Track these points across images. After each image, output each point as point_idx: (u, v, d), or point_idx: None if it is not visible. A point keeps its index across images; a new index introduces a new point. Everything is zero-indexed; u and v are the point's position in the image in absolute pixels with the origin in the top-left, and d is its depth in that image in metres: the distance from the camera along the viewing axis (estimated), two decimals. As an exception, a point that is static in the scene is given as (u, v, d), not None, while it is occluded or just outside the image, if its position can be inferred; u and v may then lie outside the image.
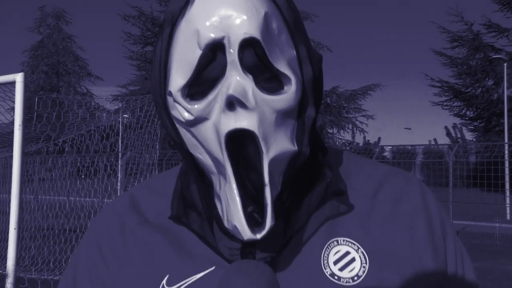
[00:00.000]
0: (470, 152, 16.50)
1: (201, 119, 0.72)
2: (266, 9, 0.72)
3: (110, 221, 0.89)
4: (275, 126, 0.71)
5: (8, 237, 4.14)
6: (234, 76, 0.69)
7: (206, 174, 0.77)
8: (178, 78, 0.73)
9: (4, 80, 4.33)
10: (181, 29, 0.73)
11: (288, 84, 0.72)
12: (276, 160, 0.71)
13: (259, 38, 0.69)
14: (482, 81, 27.79)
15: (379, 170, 0.88)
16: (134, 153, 9.48)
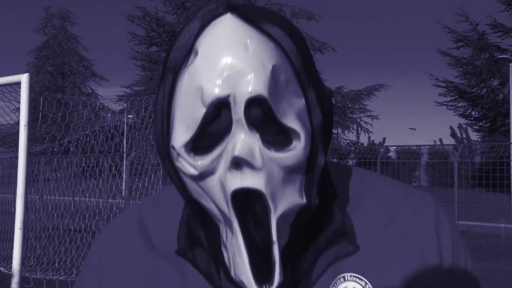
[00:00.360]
0: (476, 153, 16.45)
1: (206, 174, 0.69)
2: (274, 62, 0.68)
3: (117, 244, 0.88)
4: (283, 183, 0.69)
5: (14, 237, 4.15)
6: (240, 134, 0.67)
7: (212, 219, 0.74)
8: (181, 133, 0.70)
9: (9, 80, 4.34)
10: (184, 81, 0.70)
11: (296, 139, 0.69)
12: (284, 216, 0.69)
13: (266, 96, 0.66)
14: (487, 81, 27.71)
15: (392, 194, 0.85)
16: (139, 153, 9.50)
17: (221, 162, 0.68)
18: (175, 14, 33.07)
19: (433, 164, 16.35)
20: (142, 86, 32.54)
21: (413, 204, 0.83)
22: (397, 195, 0.84)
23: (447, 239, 0.82)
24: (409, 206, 0.83)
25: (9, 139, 9.84)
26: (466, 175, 14.65)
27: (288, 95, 0.69)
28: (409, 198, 0.84)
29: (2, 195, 11.94)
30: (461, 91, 28.51)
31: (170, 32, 32.67)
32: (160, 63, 32.35)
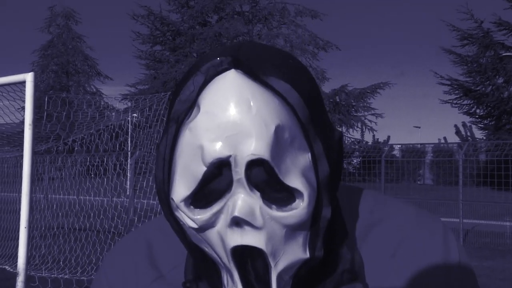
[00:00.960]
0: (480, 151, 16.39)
1: (205, 227, 0.69)
2: (277, 121, 0.66)
3: (125, 270, 0.88)
4: (285, 241, 0.68)
5: (19, 236, 4.17)
6: (240, 194, 0.66)
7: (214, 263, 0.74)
8: (181, 187, 0.69)
9: (14, 80, 4.35)
10: (186, 136, 0.69)
11: (299, 198, 0.67)
12: (285, 271, 0.69)
13: (267, 159, 0.64)
14: (492, 79, 27.62)
15: (401, 221, 0.83)
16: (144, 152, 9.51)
17: (221, 217, 0.68)
18: (179, 12, 33.13)
19: (438, 162, 16.31)
20: (147, 84, 32.57)
21: (421, 230, 0.82)
22: (405, 222, 0.83)
23: (455, 266, 0.81)
24: (417, 233, 0.82)
25: (14, 138, 9.88)
26: (471, 173, 14.60)
27: (292, 153, 0.68)
28: (418, 225, 0.83)
29: (7, 194, 11.98)
30: (466, 89, 28.42)
31: (174, 31, 32.72)
32: (164, 61, 32.42)
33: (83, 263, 7.63)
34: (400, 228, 0.82)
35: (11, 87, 4.72)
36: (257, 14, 31.43)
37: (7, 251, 8.74)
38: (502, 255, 10.06)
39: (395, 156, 16.63)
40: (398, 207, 0.86)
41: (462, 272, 0.81)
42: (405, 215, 0.84)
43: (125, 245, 0.92)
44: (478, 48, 27.93)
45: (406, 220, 0.83)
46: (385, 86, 29.96)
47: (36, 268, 7.69)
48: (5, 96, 5.13)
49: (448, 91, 29.11)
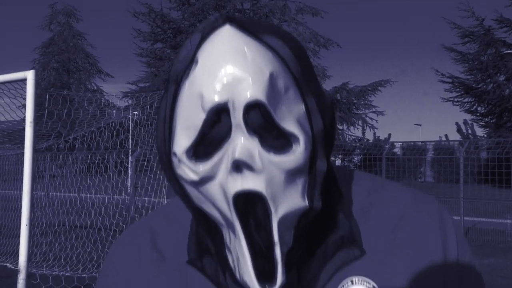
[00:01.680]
0: (481, 148, 16.38)
1: (206, 179, 0.71)
2: (271, 69, 0.70)
3: (129, 257, 0.90)
4: (284, 186, 0.70)
5: (20, 233, 4.17)
6: (239, 139, 0.68)
7: (216, 225, 0.76)
8: (183, 139, 0.72)
9: (15, 77, 4.35)
10: (185, 90, 0.72)
11: (296, 143, 0.70)
12: (285, 219, 0.70)
13: (264, 101, 0.68)
14: (493, 76, 27.58)
15: (399, 201, 0.86)
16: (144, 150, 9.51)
17: (221, 167, 0.70)
18: (180, 10, 33.06)
19: (439, 160, 16.30)
20: (147, 82, 32.55)
21: (419, 209, 0.84)
22: (403, 202, 0.85)
23: (452, 243, 0.83)
24: (415, 211, 0.84)
25: (15, 136, 9.89)
26: (472, 171, 14.60)
27: (287, 101, 0.71)
28: (415, 204, 0.85)
29: (9, 191, 11.99)
30: (467, 87, 28.38)
31: (175, 29, 32.68)
32: (165, 59, 32.38)
33: (84, 261, 7.64)
34: (398, 208, 0.84)
35: (12, 84, 4.73)
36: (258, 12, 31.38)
37: (8, 249, 8.76)
38: (503, 253, 10.06)
39: (396, 153, 16.61)
40: (395, 189, 0.89)
41: (459, 247, 0.83)
42: (403, 196, 0.87)
43: (130, 233, 0.95)
44: (479, 46, 27.88)
45: (404, 201, 0.86)
46: (386, 83, 29.90)
47: (37, 265, 7.71)
48: (6, 93, 5.14)
49: (449, 89, 29.07)
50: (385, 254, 0.80)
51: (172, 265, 0.85)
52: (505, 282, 7.57)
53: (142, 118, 9.64)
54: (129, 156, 10.38)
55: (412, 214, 0.84)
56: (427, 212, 0.84)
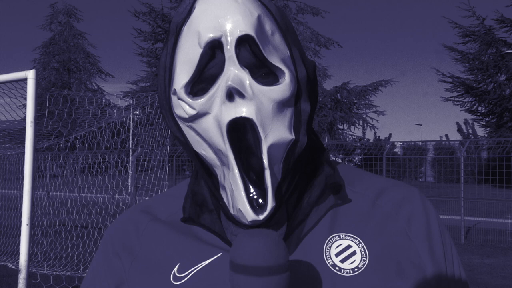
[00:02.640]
0: (482, 148, 16.38)
1: (203, 113, 0.78)
2: (259, 12, 0.79)
3: (124, 223, 0.95)
4: (272, 115, 0.77)
5: (21, 233, 4.17)
6: (232, 70, 0.75)
7: (212, 170, 0.82)
8: (181, 76, 0.79)
9: (15, 77, 4.35)
10: (184, 34, 0.81)
11: (282, 77, 0.78)
12: (274, 147, 0.77)
13: (253, 35, 0.76)
14: (494, 76, 27.57)
15: (381, 180, 0.92)
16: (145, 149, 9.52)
17: (216, 100, 0.77)
18: (181, 10, 33.06)
19: (439, 160, 16.29)
20: (148, 82, 32.57)
21: (401, 188, 0.90)
22: (384, 182, 0.92)
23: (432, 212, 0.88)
24: (397, 188, 0.90)
25: (15, 135, 9.89)
26: (472, 171, 14.59)
27: (274, 43, 0.80)
28: (397, 184, 0.91)
29: (9, 191, 12.00)
30: (468, 86, 28.38)
31: (175, 28, 32.67)
32: (165, 59, 32.38)
33: (85, 260, 7.64)
34: (381, 183, 0.90)
35: (13, 84, 4.72)
36: (259, 11, 31.36)
37: (9, 248, 8.76)
38: (504, 253, 10.06)
39: (397, 153, 16.60)
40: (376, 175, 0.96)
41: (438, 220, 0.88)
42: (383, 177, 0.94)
43: (124, 212, 1.00)
44: (480, 45, 27.88)
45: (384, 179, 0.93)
46: (387, 83, 29.90)
47: (38, 265, 7.71)
48: (6, 93, 5.13)
49: (450, 89, 29.08)
50: (368, 214, 0.85)
51: (169, 222, 0.90)
52: (506, 282, 7.56)
53: (143, 117, 9.64)
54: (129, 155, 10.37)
55: (393, 189, 0.89)
56: (407, 189, 0.90)
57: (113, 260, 0.91)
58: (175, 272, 0.83)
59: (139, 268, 0.87)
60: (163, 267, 0.85)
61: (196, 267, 0.82)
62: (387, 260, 0.80)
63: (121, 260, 0.90)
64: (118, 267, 0.90)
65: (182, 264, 0.84)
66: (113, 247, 0.92)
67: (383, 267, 0.79)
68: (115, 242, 0.92)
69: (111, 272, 0.90)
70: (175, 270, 0.83)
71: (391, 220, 0.84)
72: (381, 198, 0.87)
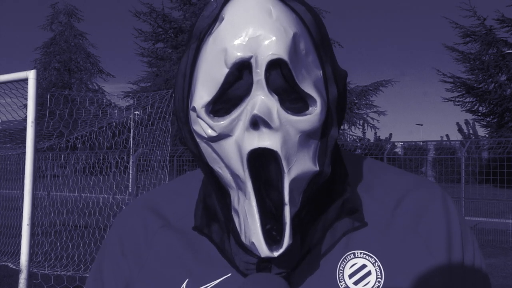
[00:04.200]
0: (483, 148, 16.37)
1: (223, 135, 0.72)
2: (295, 30, 0.71)
3: (133, 222, 0.91)
4: (298, 147, 0.71)
5: (21, 233, 4.17)
6: (259, 96, 0.69)
7: (225, 187, 0.77)
8: (203, 94, 0.72)
9: (16, 77, 4.36)
10: (209, 45, 0.73)
11: (313, 105, 0.72)
12: (297, 180, 0.71)
13: (286, 60, 0.68)
14: (494, 76, 27.56)
15: (402, 181, 0.87)
16: (146, 149, 9.52)
17: (239, 124, 0.70)
18: (182, 10, 33.09)
19: (440, 160, 16.27)
20: (149, 82, 32.57)
21: (422, 191, 0.85)
22: (406, 182, 0.86)
23: (455, 220, 0.83)
24: (418, 192, 0.84)
25: (16, 136, 9.89)
26: (473, 171, 14.57)
27: (307, 64, 0.72)
28: (418, 187, 0.85)
29: (10, 191, 12.00)
30: (468, 87, 28.37)
31: (176, 28, 32.68)
32: (166, 59, 32.39)
33: (86, 260, 7.63)
34: (402, 186, 0.85)
35: (14, 84, 4.73)
36: (259, 12, 31.35)
37: (9, 248, 8.76)
38: (505, 253, 10.05)
39: (397, 153, 16.60)
40: (397, 171, 0.90)
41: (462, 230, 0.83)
42: (405, 177, 0.88)
43: (133, 205, 0.95)
44: (481, 46, 27.87)
45: (407, 181, 0.87)
46: (388, 83, 29.92)
47: (39, 265, 7.71)
48: (7, 93, 5.14)
49: (451, 89, 29.09)
50: (387, 230, 0.80)
51: (179, 228, 0.86)
52: (507, 282, 7.56)
53: (144, 118, 9.64)
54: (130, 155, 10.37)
55: (415, 192, 0.84)
56: (429, 192, 0.85)
57: (121, 261, 0.88)
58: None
59: (146, 278, 0.84)
60: (171, 282, 0.82)
61: (205, 287, 0.80)
62: (403, 279, 0.76)
63: (128, 263, 0.87)
64: (125, 268, 0.87)
65: (190, 281, 0.81)
66: (121, 248, 0.89)
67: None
68: (123, 243, 0.90)
69: (119, 272, 0.88)
70: (183, 287, 0.81)
71: (410, 234, 0.80)
72: (400, 207, 0.82)
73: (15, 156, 12.17)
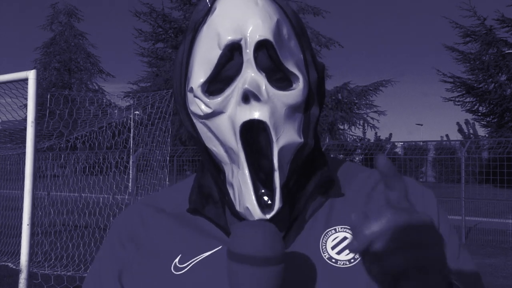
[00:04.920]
0: (483, 148, 16.38)
1: (217, 112, 0.80)
2: (278, 17, 0.82)
3: (130, 214, 0.98)
4: (285, 119, 0.79)
5: (21, 233, 4.17)
6: (249, 73, 0.78)
7: (220, 165, 0.85)
8: (199, 75, 0.82)
9: (16, 77, 4.35)
10: (203, 33, 0.83)
11: (296, 82, 0.81)
12: (284, 149, 0.79)
13: (272, 40, 0.79)
14: (495, 76, 27.56)
15: (376, 172, 0.92)
16: (146, 149, 9.52)
17: (231, 101, 0.79)
18: (182, 10, 33.06)
19: (440, 160, 16.28)
20: (149, 82, 32.56)
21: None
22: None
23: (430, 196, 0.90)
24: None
25: (16, 136, 9.90)
26: (473, 171, 14.58)
27: (289, 48, 0.83)
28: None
29: (10, 191, 12.00)
30: (469, 87, 28.37)
31: (176, 28, 32.68)
32: (166, 59, 32.40)
33: (86, 260, 7.63)
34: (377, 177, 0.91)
35: (14, 84, 4.72)
36: (259, 12, 31.34)
37: (9, 248, 8.76)
38: (505, 253, 10.05)
39: (397, 153, 16.60)
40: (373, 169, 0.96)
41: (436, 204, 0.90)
42: None
43: (130, 205, 1.04)
44: (481, 45, 27.87)
45: None
46: (388, 83, 29.88)
47: (39, 265, 7.70)
48: (7, 93, 5.14)
49: (451, 89, 29.08)
50: (365, 205, 0.87)
51: (174, 214, 0.93)
52: (507, 282, 7.56)
53: (144, 118, 9.65)
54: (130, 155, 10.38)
55: None
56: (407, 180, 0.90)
57: (118, 250, 0.93)
58: (176, 263, 0.86)
59: (142, 257, 0.89)
60: (165, 257, 0.87)
61: (197, 258, 0.85)
62: None
63: (126, 250, 0.92)
64: (122, 256, 0.92)
65: (183, 255, 0.86)
66: (119, 237, 0.94)
67: None
68: (121, 233, 0.95)
69: (115, 261, 0.92)
70: (176, 261, 0.86)
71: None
72: (376, 188, 0.89)
73: (15, 156, 12.18)
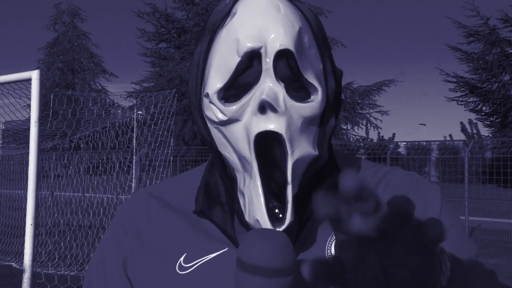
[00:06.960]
0: (486, 148, 16.33)
1: (233, 120, 0.78)
2: (300, 25, 0.79)
3: (136, 205, 0.96)
4: (300, 131, 0.77)
5: (25, 233, 4.18)
6: (267, 83, 0.75)
7: (231, 171, 0.83)
8: (215, 81, 0.79)
9: (20, 77, 4.36)
10: (222, 37, 0.80)
11: (314, 94, 0.79)
12: (299, 162, 0.77)
13: (292, 50, 0.76)
14: (498, 76, 27.50)
15: (382, 168, 0.94)
16: (149, 149, 9.53)
17: (247, 109, 0.77)
18: (185, 10, 33.08)
19: (443, 160, 16.25)
20: (152, 82, 32.57)
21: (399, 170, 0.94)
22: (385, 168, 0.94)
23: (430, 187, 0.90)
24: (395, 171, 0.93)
25: (20, 136, 9.92)
26: (476, 171, 14.54)
27: (310, 57, 0.80)
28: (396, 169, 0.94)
29: (13, 191, 12.03)
30: (472, 86, 28.31)
31: (179, 28, 32.70)
32: (169, 59, 32.42)
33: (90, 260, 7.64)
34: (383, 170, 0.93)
35: (17, 84, 4.73)
36: (262, 12, 31.32)
37: (13, 248, 8.78)
38: (508, 253, 10.03)
39: (401, 153, 16.58)
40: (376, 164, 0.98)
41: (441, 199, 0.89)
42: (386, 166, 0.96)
43: (137, 193, 1.02)
44: (484, 45, 27.79)
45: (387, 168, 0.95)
46: (391, 83, 29.86)
47: (43, 265, 7.72)
48: (11, 93, 5.14)
49: (454, 89, 29.00)
50: None
51: (180, 210, 0.92)
52: (511, 282, 7.53)
53: (147, 118, 9.66)
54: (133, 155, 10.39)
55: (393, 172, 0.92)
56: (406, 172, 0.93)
57: (122, 238, 0.93)
58: (181, 262, 0.85)
59: (146, 254, 0.89)
60: (170, 256, 0.87)
61: (202, 259, 0.84)
62: None
63: (130, 240, 0.91)
64: (126, 245, 0.91)
65: (188, 255, 0.86)
66: (123, 226, 0.94)
67: None
68: (125, 222, 0.94)
69: (119, 250, 0.92)
70: (181, 260, 0.85)
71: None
72: (381, 184, 0.89)
73: (19, 156, 12.19)
